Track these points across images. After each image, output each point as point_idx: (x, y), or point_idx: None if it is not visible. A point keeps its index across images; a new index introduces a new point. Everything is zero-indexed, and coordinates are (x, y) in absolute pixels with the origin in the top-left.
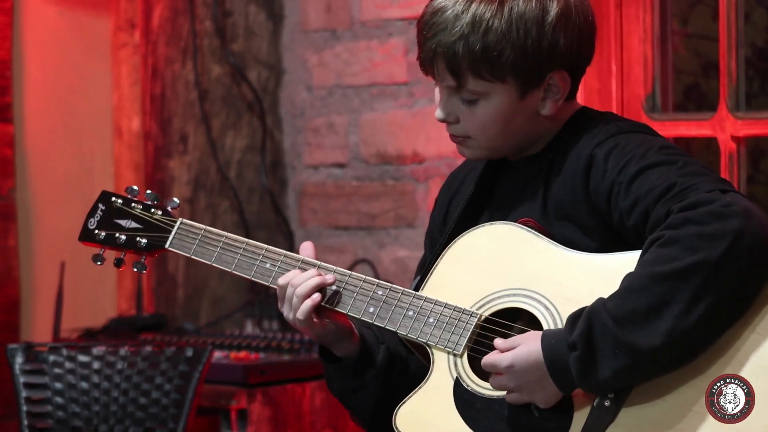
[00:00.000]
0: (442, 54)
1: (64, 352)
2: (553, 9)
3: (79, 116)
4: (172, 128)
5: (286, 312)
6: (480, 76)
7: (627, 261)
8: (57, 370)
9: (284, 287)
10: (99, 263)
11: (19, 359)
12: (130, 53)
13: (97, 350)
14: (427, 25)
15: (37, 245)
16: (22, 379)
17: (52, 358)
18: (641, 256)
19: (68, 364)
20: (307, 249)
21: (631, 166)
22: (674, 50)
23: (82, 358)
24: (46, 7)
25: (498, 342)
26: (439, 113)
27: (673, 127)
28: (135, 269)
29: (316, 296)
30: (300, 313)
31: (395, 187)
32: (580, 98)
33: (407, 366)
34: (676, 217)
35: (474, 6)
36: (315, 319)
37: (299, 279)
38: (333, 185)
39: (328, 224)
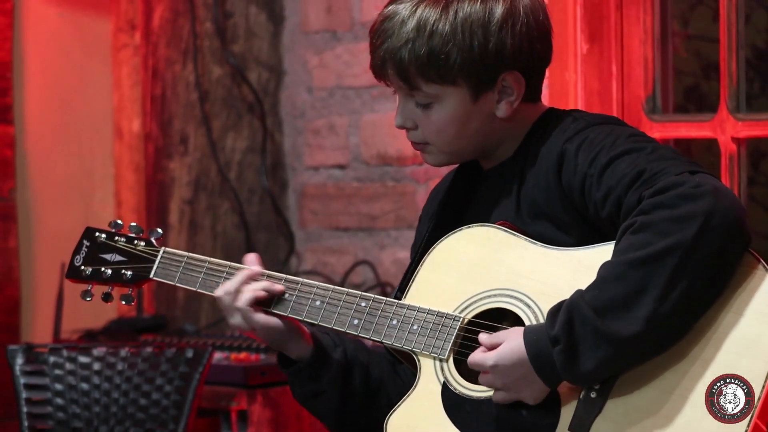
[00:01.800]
0: (391, 60)
1: (65, 353)
2: (499, 10)
3: (80, 117)
4: (172, 129)
5: (230, 317)
6: (430, 80)
7: (605, 253)
8: (57, 372)
9: (222, 297)
10: (88, 299)
11: (19, 360)
12: (130, 54)
13: (97, 351)
14: (377, 33)
15: (38, 246)
16: (22, 381)
17: (52, 359)
18: (616, 244)
19: (69, 366)
20: (251, 260)
21: (601, 157)
22: (675, 51)
23: (83, 359)
24: (47, 8)
25: (482, 337)
26: (397, 120)
27: (673, 129)
28: (123, 302)
29: (261, 293)
30: (240, 302)
31: (396, 188)
32: (581, 100)
33: (368, 371)
34: (647, 203)
35: (419, 11)
36: (259, 315)
37: (231, 283)
38: (333, 186)
39: (329, 225)
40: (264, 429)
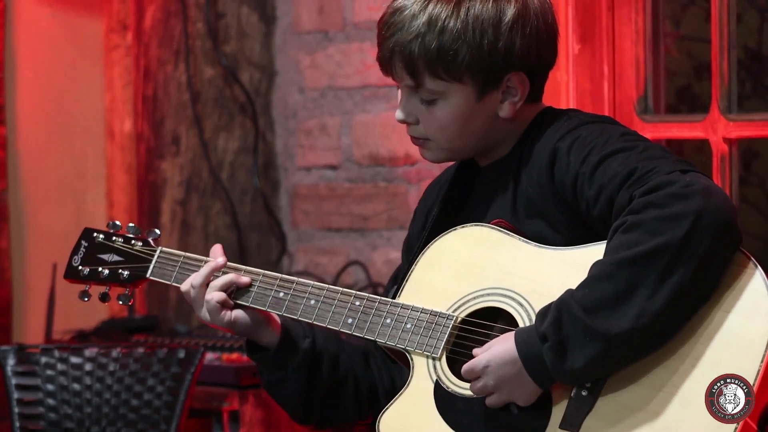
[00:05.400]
0: (399, 53)
1: (56, 353)
2: (510, 11)
3: (72, 118)
4: (164, 130)
5: (197, 311)
6: (437, 76)
7: (597, 252)
8: (49, 372)
9: (188, 291)
10: (86, 299)
11: (11, 361)
12: (122, 55)
13: (89, 352)
14: (386, 25)
15: (30, 246)
16: (14, 381)
17: (44, 359)
18: (607, 243)
19: (60, 366)
20: (216, 252)
21: (593, 155)
22: (666, 52)
23: (74, 359)
24: (39, 8)
25: (476, 351)
26: (398, 114)
27: (665, 129)
28: (120, 302)
29: (223, 295)
30: (207, 299)
31: (387, 188)
32: (572, 100)
33: (337, 361)
34: (638, 202)
35: (431, 6)
36: (225, 313)
37: (197, 277)
38: (325, 187)
39: (321, 226)
40: (256, 429)
